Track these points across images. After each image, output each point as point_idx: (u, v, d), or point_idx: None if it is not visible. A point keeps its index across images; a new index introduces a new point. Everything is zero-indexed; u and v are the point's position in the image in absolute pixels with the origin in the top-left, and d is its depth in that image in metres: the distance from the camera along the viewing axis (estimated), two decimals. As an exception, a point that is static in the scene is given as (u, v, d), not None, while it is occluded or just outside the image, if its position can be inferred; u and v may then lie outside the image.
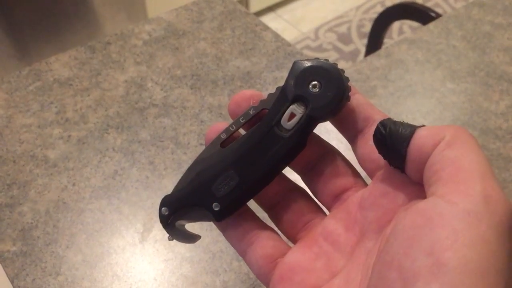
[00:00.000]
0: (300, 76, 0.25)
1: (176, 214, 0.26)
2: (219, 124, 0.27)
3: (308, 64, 0.25)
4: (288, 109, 0.25)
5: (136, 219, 0.50)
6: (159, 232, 0.49)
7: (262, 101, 0.26)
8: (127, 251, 0.48)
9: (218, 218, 0.26)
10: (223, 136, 0.26)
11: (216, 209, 0.26)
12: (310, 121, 0.25)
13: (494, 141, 0.74)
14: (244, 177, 0.25)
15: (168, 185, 0.52)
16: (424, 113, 0.78)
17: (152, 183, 0.52)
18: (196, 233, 0.28)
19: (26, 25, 1.41)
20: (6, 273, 0.46)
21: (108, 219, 0.50)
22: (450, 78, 0.81)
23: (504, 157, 0.72)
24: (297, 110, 0.25)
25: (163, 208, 0.26)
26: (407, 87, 0.81)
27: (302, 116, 0.25)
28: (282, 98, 0.25)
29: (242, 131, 0.27)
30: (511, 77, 0.81)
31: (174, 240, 0.27)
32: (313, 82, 0.25)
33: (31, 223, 0.49)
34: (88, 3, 1.48)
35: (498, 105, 0.78)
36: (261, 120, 0.26)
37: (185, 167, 0.53)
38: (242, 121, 0.26)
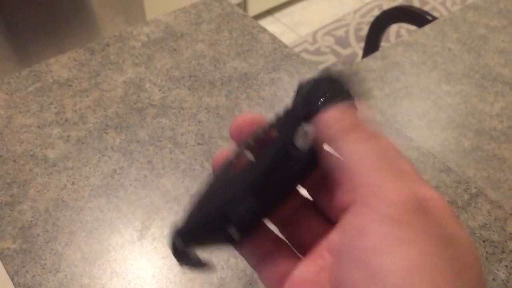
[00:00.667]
0: (308, 95, 0.25)
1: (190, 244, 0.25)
2: (224, 150, 0.26)
3: (313, 80, 0.25)
4: (301, 128, 0.25)
5: (134, 217, 0.51)
6: (157, 230, 0.50)
7: (270, 123, 0.26)
8: (125, 249, 0.48)
9: (235, 242, 0.25)
10: (234, 161, 0.25)
11: (233, 233, 0.25)
12: None
13: (489, 142, 0.75)
14: (260, 199, 0.25)
15: (166, 184, 0.53)
16: (420, 115, 0.79)
17: (151, 182, 0.53)
18: (209, 260, 0.27)
19: (25, 27, 1.41)
20: (6, 270, 0.46)
21: (107, 217, 0.51)
22: (446, 80, 0.82)
23: (498, 158, 0.73)
24: (310, 128, 0.25)
25: (176, 240, 0.25)
26: (403, 88, 0.81)
27: None
28: (293, 117, 0.25)
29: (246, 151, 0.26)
30: (506, 79, 0.82)
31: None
32: (322, 99, 0.24)
33: (31, 221, 0.50)
34: (87, 6, 1.49)
35: (493, 107, 0.78)
36: (274, 142, 0.25)
37: (182, 166, 0.54)
38: (252, 144, 0.25)
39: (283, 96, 0.62)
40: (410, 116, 0.79)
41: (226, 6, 0.74)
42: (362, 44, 1.94)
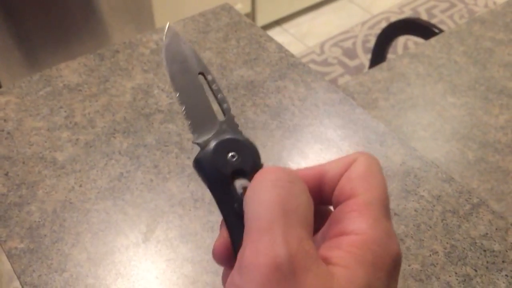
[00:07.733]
0: (216, 163, 0.26)
1: None
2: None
3: (208, 152, 0.26)
4: (236, 188, 0.25)
5: (140, 220, 0.52)
6: (162, 233, 0.50)
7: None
8: (130, 251, 0.49)
9: None
10: None
11: None
12: None
13: (493, 154, 0.75)
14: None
15: (172, 188, 0.53)
16: (425, 126, 0.79)
17: (156, 186, 0.54)
18: None
19: (36, 33, 1.44)
20: (14, 269, 0.47)
21: (113, 220, 0.51)
22: (451, 92, 0.83)
23: (503, 170, 0.73)
24: (242, 182, 0.25)
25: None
26: (408, 100, 0.82)
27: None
28: (222, 187, 0.25)
29: None
30: (511, 92, 0.83)
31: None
32: (230, 155, 0.26)
33: (39, 221, 0.51)
34: (97, 13, 1.51)
35: (497, 119, 0.79)
36: (224, 214, 0.25)
37: (188, 171, 0.54)
38: None
39: (288, 104, 0.63)
40: (415, 127, 0.79)
41: (234, 15, 0.75)
42: (370, 56, 1.95)
